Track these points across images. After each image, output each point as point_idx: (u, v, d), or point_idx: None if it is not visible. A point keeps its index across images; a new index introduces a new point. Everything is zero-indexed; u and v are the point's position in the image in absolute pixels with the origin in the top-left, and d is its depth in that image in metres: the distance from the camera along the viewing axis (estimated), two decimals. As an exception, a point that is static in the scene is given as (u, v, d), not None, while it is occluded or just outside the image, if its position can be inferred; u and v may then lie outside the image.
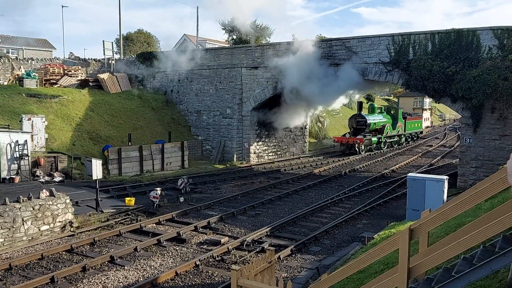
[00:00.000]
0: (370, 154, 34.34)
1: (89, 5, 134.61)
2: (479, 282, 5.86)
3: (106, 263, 11.71)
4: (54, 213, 13.94)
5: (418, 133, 46.02)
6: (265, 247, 12.61)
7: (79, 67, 33.46)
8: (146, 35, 57.08)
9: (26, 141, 19.74)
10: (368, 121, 35.17)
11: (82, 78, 31.91)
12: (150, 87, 34.07)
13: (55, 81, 30.20)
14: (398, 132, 39.97)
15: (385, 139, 37.78)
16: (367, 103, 39.42)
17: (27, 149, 19.70)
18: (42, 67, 31.73)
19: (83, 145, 24.72)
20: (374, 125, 36.12)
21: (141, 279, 10.75)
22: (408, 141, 43.00)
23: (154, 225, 15.36)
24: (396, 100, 74.74)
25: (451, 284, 5.27)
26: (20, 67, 31.61)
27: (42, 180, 19.98)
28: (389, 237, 6.20)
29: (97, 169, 16.30)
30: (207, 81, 30.65)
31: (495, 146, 20.28)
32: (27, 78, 27.88)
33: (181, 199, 18.60)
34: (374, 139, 35.68)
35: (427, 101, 68.53)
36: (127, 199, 17.66)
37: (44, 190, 14.64)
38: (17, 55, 43.28)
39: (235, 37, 42.06)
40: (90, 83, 31.06)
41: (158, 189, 17.91)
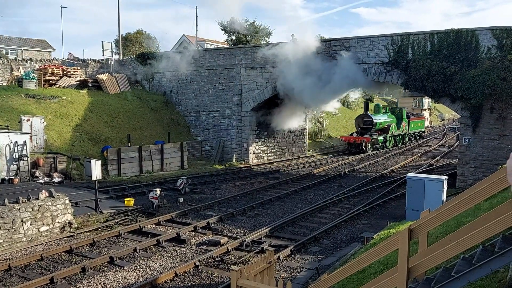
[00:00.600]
0: (369, 154, 34.49)
1: (88, 5, 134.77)
2: (478, 282, 5.87)
3: (105, 263, 11.70)
4: (53, 214, 13.93)
5: (420, 132, 47.04)
6: (265, 248, 12.61)
7: (78, 68, 33.44)
8: (145, 36, 56.96)
9: (25, 141, 19.71)
10: (374, 121, 36.14)
11: (81, 78, 31.88)
12: (149, 88, 34.08)
13: (54, 82, 30.16)
14: (402, 131, 40.89)
15: (390, 138, 38.67)
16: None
17: (26, 149, 19.67)
18: (41, 67, 31.67)
19: (82, 146, 24.71)
20: (380, 124, 37.11)
21: (141, 280, 10.75)
22: (411, 140, 43.87)
23: (153, 225, 15.35)
24: (395, 100, 74.66)
25: (451, 284, 5.27)
26: (19, 68, 31.58)
27: (41, 181, 19.96)
28: (389, 237, 6.20)
29: (96, 170, 16.31)
30: (206, 81, 30.64)
31: (494, 146, 20.28)
32: (26, 79, 27.84)
33: (181, 200, 18.60)
34: (380, 138, 36.61)
35: (426, 101, 68.55)
36: (126, 199, 17.66)
37: (43, 191, 14.62)
38: (16, 56, 43.25)
39: (234, 37, 42.02)
40: (89, 84, 31.04)
41: (157, 189, 17.89)
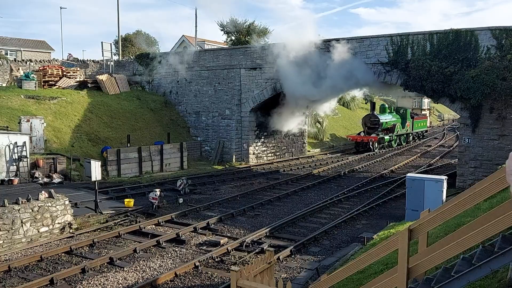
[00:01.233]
0: (369, 154, 34.59)
1: (87, 6, 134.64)
2: (478, 282, 5.86)
3: (105, 264, 11.69)
4: (53, 214, 13.92)
5: (423, 132, 48.50)
6: (265, 248, 12.57)
7: (78, 69, 33.44)
8: (145, 36, 56.96)
9: (24, 142, 19.71)
10: (381, 121, 37.23)
11: (80, 79, 31.88)
12: (148, 88, 34.06)
13: (53, 83, 30.16)
14: (407, 130, 42.09)
15: (395, 137, 39.84)
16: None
17: (25, 150, 19.67)
18: (40, 68, 31.66)
19: (82, 147, 24.70)
20: (386, 124, 38.23)
21: (141, 281, 10.74)
22: (415, 139, 45.02)
23: (153, 226, 15.34)
24: (394, 100, 74.62)
25: (451, 284, 5.27)
26: (18, 69, 31.55)
27: (41, 181, 19.94)
28: (389, 238, 6.20)
29: (96, 171, 16.31)
30: (206, 82, 30.64)
31: (493, 146, 20.29)
32: (25, 79, 27.83)
33: (180, 200, 18.58)
34: (386, 137, 37.80)
35: (426, 101, 68.61)
36: (126, 200, 17.64)
37: (43, 191, 14.60)
38: (15, 57, 43.23)
39: (233, 38, 41.99)
40: (88, 85, 31.02)
41: (157, 190, 17.89)
